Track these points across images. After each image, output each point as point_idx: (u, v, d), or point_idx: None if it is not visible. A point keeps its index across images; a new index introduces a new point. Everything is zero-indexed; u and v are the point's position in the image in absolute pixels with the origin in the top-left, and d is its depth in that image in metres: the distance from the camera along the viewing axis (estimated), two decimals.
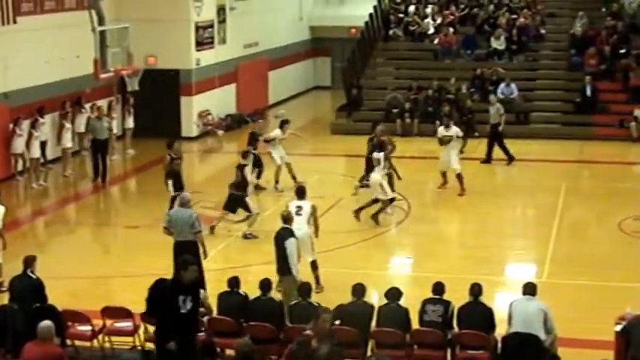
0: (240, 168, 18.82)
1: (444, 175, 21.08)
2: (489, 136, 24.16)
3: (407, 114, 28.20)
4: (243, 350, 9.38)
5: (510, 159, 23.83)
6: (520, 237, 18.54)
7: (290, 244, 13.25)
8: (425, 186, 21.94)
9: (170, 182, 18.25)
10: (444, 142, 20.78)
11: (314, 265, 14.63)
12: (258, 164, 21.09)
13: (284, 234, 13.41)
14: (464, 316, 11.45)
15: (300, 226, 14.33)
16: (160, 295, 10.42)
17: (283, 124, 22.04)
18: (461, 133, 21.39)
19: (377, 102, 29.53)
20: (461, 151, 21.83)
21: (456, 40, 31.21)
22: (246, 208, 17.92)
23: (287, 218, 13.70)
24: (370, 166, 19.20)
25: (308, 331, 10.44)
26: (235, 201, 17.96)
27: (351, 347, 10.84)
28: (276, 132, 21.74)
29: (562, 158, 24.82)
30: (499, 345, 11.05)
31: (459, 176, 20.76)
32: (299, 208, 14.66)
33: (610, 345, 11.02)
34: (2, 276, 14.62)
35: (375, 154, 18.72)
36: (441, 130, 21.26)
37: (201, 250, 13.97)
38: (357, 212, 18.64)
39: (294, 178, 21.00)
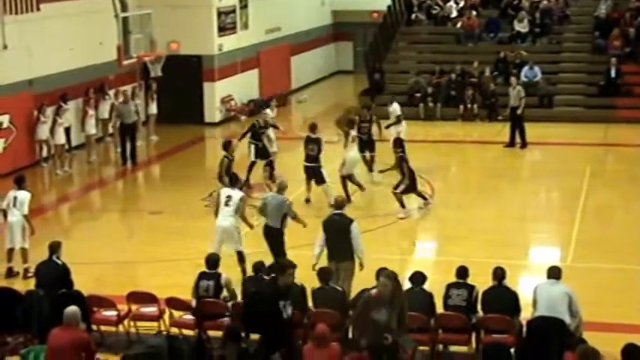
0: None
1: None
2: (510, 120, 24.07)
3: (430, 98, 28.12)
4: None
5: (524, 144, 23.73)
6: (544, 220, 18.47)
7: (355, 228, 12.88)
8: (448, 170, 21.88)
9: (227, 180, 18.22)
10: None
11: (241, 257, 14.25)
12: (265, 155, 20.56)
13: (342, 220, 12.98)
14: (488, 300, 11.44)
15: (227, 216, 14.19)
16: (262, 302, 10.27)
17: (270, 102, 21.86)
18: (399, 112, 22.02)
19: (399, 86, 29.41)
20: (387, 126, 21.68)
21: (479, 23, 31.04)
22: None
23: (340, 204, 13.28)
24: None
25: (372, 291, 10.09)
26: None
27: None
28: (267, 112, 21.55)
29: (586, 141, 24.65)
30: (524, 329, 11.04)
31: None
32: (228, 198, 14.37)
33: (636, 329, 11.01)
34: (28, 262, 14.75)
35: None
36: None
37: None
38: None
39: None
